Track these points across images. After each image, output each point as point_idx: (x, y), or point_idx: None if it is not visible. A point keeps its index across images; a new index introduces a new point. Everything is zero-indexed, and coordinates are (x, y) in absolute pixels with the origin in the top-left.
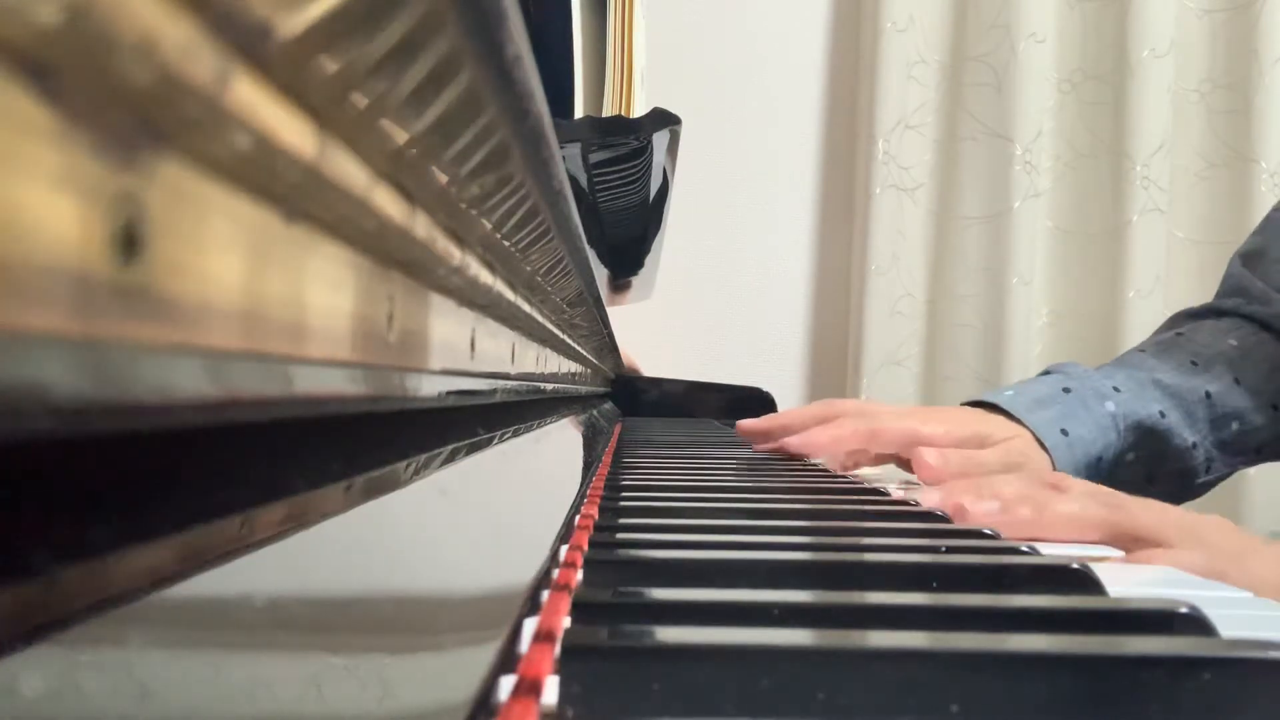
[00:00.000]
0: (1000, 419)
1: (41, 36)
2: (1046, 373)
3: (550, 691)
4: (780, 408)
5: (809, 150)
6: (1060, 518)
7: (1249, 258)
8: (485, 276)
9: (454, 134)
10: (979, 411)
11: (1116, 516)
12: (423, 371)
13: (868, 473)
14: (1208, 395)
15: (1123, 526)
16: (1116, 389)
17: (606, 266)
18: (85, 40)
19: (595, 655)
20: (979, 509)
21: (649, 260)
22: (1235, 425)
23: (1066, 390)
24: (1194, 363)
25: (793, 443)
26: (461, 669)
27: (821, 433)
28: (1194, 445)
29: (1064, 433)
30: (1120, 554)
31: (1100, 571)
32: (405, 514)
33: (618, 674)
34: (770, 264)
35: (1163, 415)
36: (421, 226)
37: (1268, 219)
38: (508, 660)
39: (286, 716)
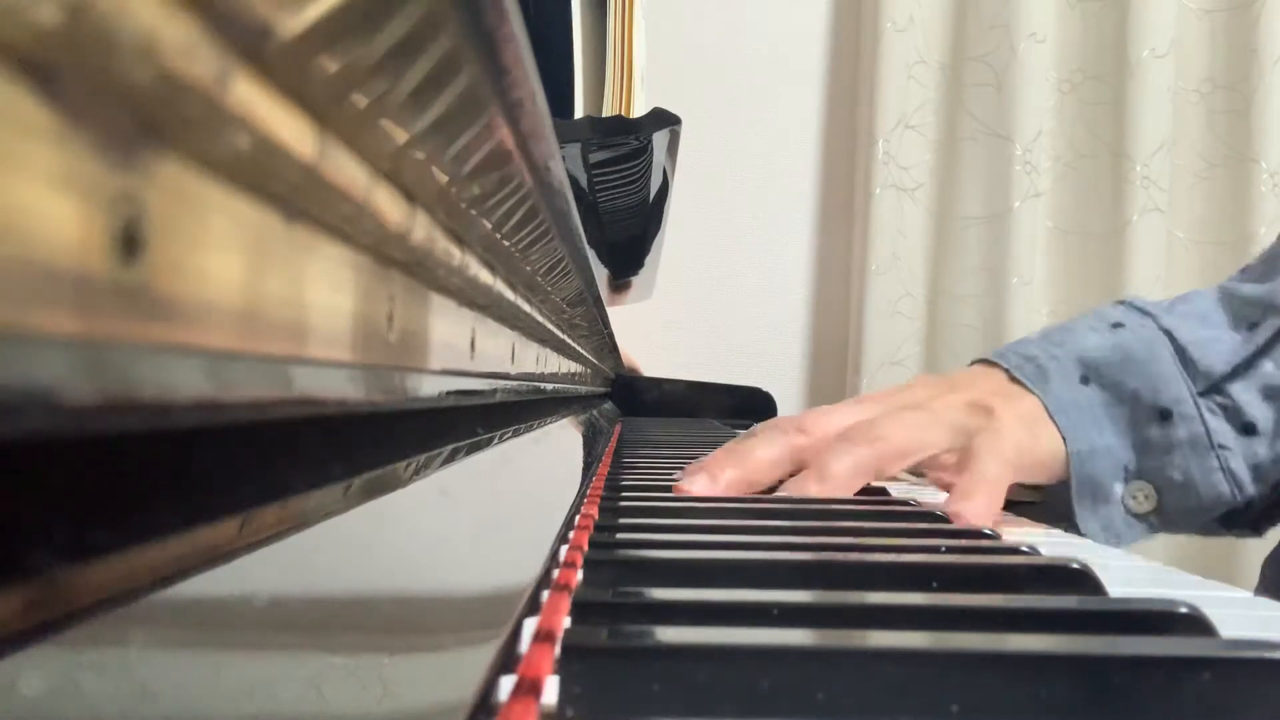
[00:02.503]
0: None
1: (41, 36)
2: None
3: (550, 691)
4: (780, 408)
5: (809, 150)
6: (841, 477)
7: None
8: (485, 276)
9: (454, 134)
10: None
11: (879, 449)
12: (423, 371)
13: None
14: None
15: (890, 459)
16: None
17: (606, 266)
18: (85, 40)
19: (595, 655)
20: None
21: (649, 260)
22: None
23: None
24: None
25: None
26: (461, 669)
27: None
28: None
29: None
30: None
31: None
32: (405, 514)
33: (618, 674)
34: (770, 264)
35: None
36: (421, 226)
37: None
38: (508, 660)
39: (286, 716)
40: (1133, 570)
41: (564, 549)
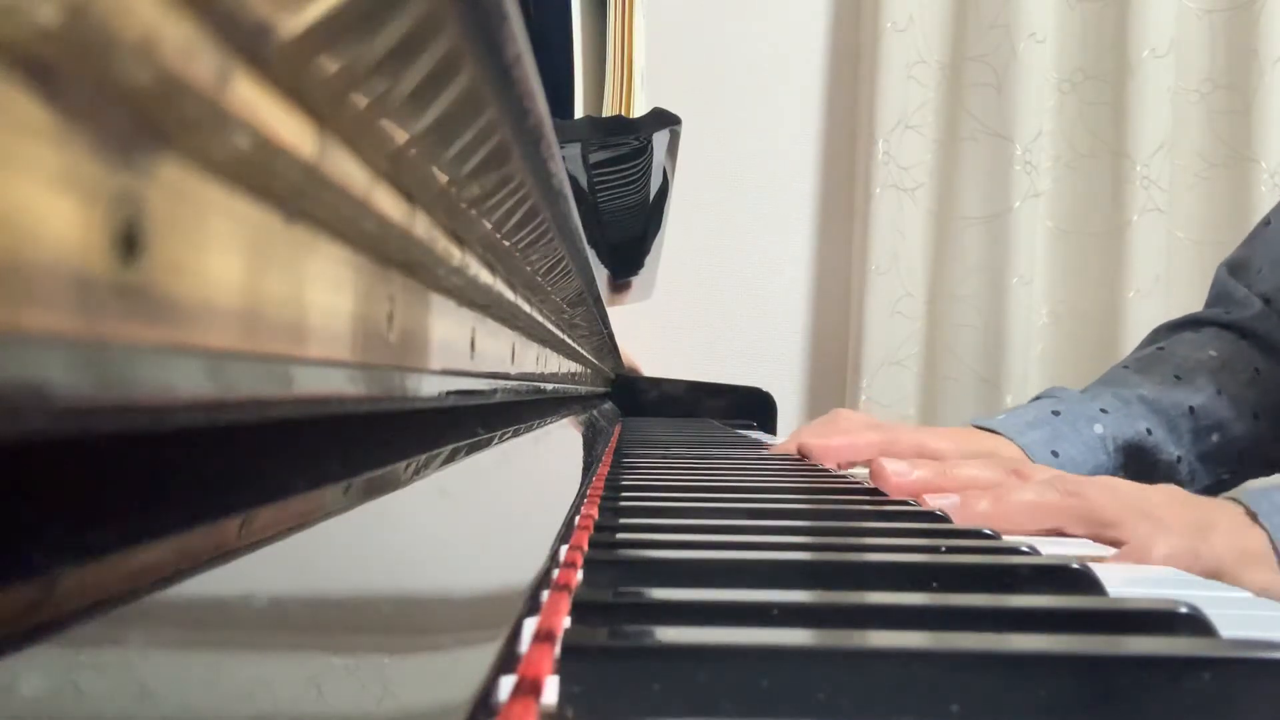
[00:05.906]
0: (1001, 440)
1: (41, 36)
2: (1038, 398)
3: (550, 691)
4: (780, 408)
5: (809, 150)
6: (1017, 506)
7: (1234, 267)
8: (485, 276)
9: (454, 134)
10: (981, 432)
11: (1072, 502)
12: (423, 371)
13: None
14: (1191, 410)
15: (1079, 511)
16: (1104, 410)
17: (606, 266)
18: (85, 40)
19: (595, 655)
20: (938, 502)
21: (649, 260)
22: (1215, 437)
23: (1055, 414)
24: (1177, 376)
25: (813, 446)
26: (461, 669)
27: (840, 439)
28: (1179, 459)
29: (1054, 454)
30: (1109, 551)
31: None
32: (405, 514)
33: (618, 674)
34: (770, 264)
35: (1149, 432)
36: (421, 226)
37: (1254, 233)
38: (508, 660)
39: (286, 716)
40: (1134, 569)
41: (564, 549)
